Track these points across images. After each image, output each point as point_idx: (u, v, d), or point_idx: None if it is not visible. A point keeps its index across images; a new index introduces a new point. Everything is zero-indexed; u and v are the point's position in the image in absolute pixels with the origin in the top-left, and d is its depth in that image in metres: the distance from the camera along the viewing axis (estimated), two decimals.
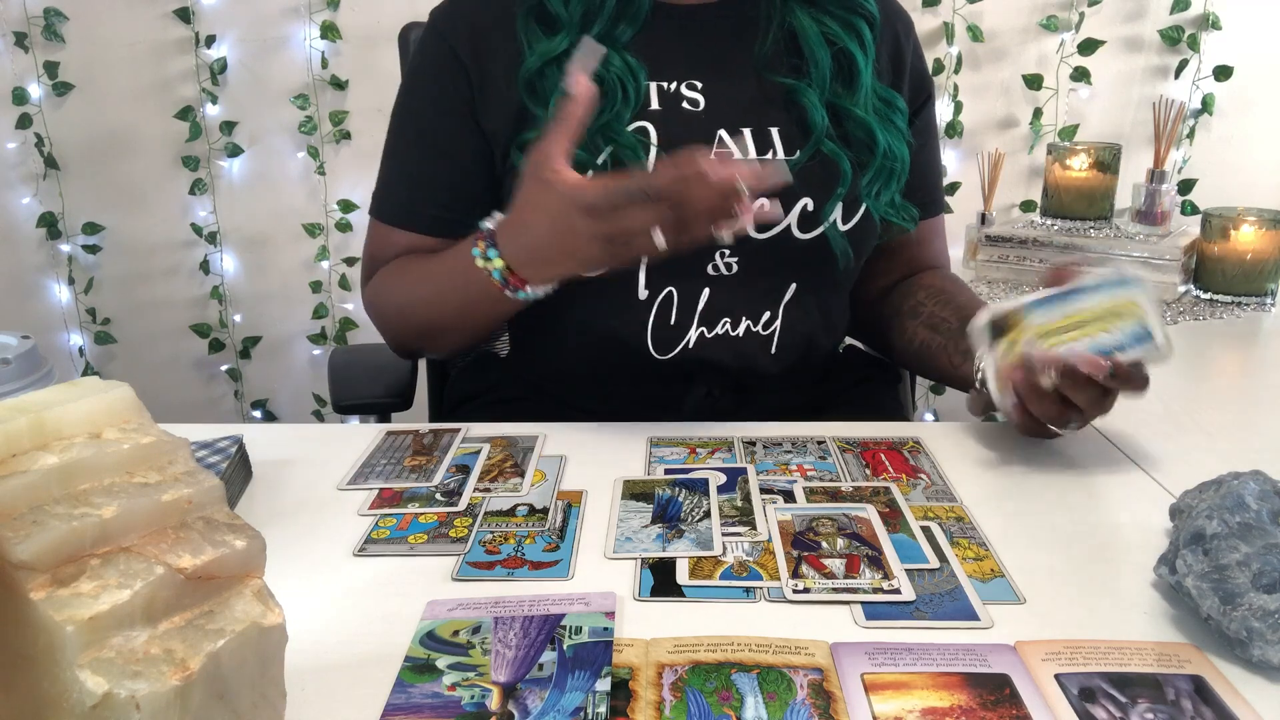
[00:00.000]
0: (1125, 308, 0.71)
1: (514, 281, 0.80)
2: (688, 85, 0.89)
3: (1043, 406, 0.72)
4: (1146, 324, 0.70)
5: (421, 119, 0.94)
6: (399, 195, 0.96)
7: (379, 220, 0.97)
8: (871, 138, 0.89)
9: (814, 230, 0.89)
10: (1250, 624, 0.50)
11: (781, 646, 0.52)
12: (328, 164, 2.08)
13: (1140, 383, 0.71)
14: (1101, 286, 0.73)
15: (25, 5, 1.98)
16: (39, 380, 1.24)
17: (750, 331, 0.91)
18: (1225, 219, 1.35)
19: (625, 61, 0.86)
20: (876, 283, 1.03)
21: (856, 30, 0.90)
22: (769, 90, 0.90)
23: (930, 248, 1.04)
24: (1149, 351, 0.70)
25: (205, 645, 0.39)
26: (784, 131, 0.89)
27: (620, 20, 0.88)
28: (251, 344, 2.22)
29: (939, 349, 0.90)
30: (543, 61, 0.87)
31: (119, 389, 0.45)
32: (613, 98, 0.85)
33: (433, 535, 0.66)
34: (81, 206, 2.12)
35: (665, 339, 0.90)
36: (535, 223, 0.76)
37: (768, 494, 0.70)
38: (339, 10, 2.00)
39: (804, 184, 0.87)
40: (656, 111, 0.87)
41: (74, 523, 0.38)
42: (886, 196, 0.91)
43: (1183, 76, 1.96)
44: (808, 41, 0.89)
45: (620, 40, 0.87)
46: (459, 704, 0.48)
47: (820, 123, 0.88)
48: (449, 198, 0.93)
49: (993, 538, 0.64)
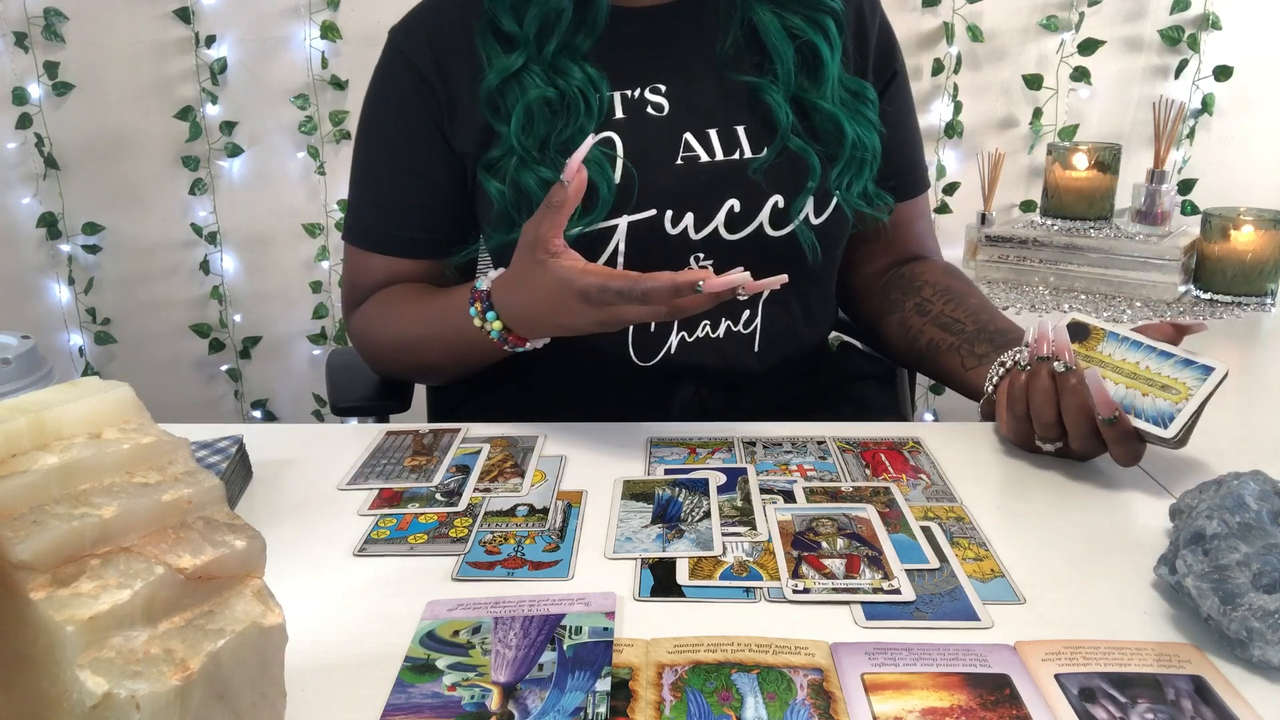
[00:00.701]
0: (1179, 387, 0.70)
1: (512, 339, 0.81)
2: (651, 89, 0.88)
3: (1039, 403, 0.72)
4: (1178, 410, 0.69)
5: (390, 139, 0.93)
6: (371, 219, 0.96)
7: (353, 245, 0.97)
8: (840, 130, 0.88)
9: (786, 227, 0.88)
10: (1250, 624, 0.50)
11: (781, 646, 0.52)
12: (328, 164, 2.08)
13: (1129, 448, 0.70)
14: (1182, 360, 0.72)
15: (25, 5, 1.98)
16: (39, 380, 1.24)
17: (731, 332, 0.91)
18: (1225, 219, 1.35)
19: (586, 73, 0.86)
20: (863, 269, 1.03)
21: (819, 23, 0.89)
22: (732, 89, 0.89)
23: (913, 229, 1.02)
24: (1158, 433, 0.69)
25: (205, 645, 0.39)
26: (750, 130, 0.88)
27: (579, 31, 0.87)
28: (251, 344, 2.22)
29: (949, 349, 0.89)
30: (501, 78, 0.86)
31: (119, 389, 0.45)
32: (575, 111, 0.85)
33: (433, 535, 0.66)
34: (81, 206, 2.12)
35: (647, 346, 0.90)
36: (530, 297, 0.77)
37: (768, 494, 0.70)
38: (339, 10, 2.00)
39: (773, 181, 0.87)
40: (621, 120, 0.87)
41: (74, 523, 0.38)
42: (858, 187, 0.90)
43: (1183, 76, 1.96)
44: (770, 37, 0.88)
45: (580, 50, 0.87)
46: (459, 704, 0.48)
47: (785, 120, 0.87)
48: (423, 219, 0.93)
49: (993, 538, 0.64)
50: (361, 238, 0.96)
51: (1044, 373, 0.72)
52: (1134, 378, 0.72)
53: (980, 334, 0.87)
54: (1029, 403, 0.73)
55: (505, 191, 0.86)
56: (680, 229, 0.87)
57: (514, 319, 0.80)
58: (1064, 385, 0.71)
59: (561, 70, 0.86)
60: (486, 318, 0.81)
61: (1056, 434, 0.72)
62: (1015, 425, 0.75)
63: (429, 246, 0.94)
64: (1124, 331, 0.75)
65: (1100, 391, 0.68)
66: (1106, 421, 0.69)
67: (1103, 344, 0.75)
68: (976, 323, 0.88)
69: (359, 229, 0.97)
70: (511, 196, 0.86)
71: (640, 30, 0.90)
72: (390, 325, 0.93)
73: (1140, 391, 0.71)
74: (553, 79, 0.85)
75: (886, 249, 1.01)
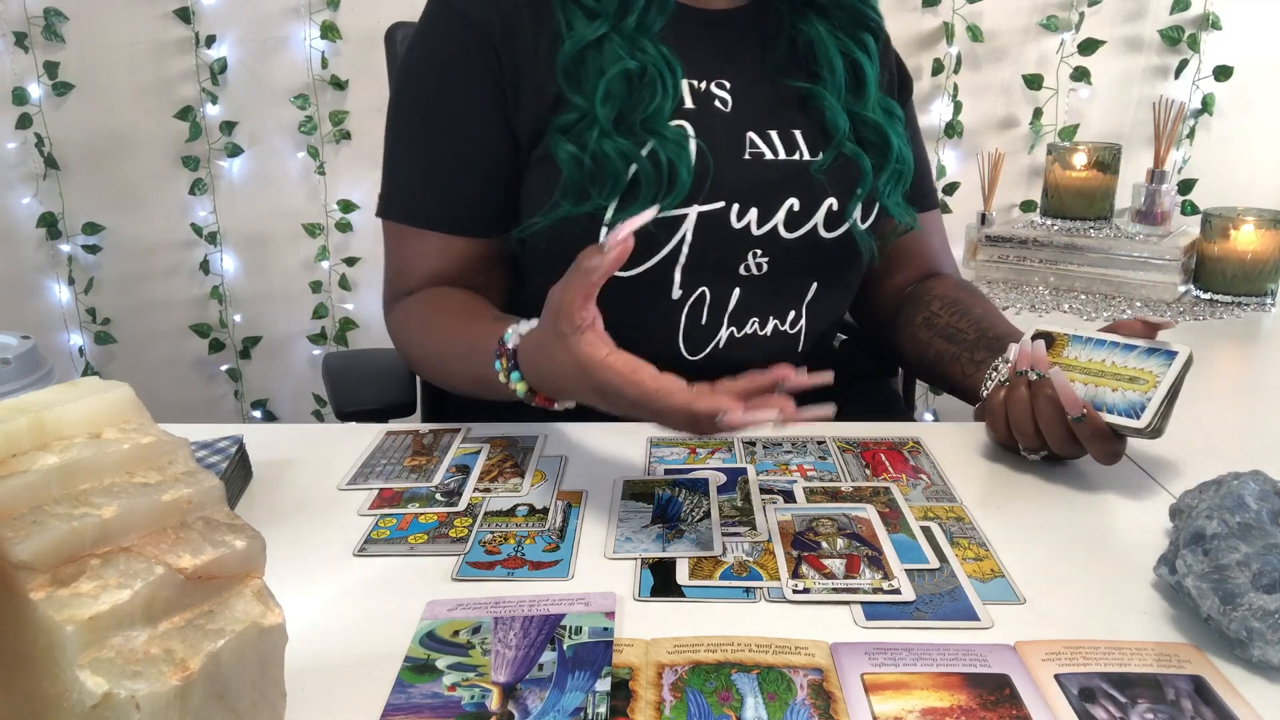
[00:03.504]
0: (1145, 377, 0.71)
1: (539, 400, 0.73)
2: (716, 84, 0.89)
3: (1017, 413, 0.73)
4: (1148, 399, 0.70)
5: (444, 103, 0.88)
6: (419, 191, 0.89)
7: (391, 220, 0.91)
8: (885, 140, 0.90)
9: (838, 229, 0.90)
10: (1250, 624, 0.50)
11: (781, 646, 0.52)
12: (328, 164, 2.08)
13: (1105, 445, 0.70)
14: (1145, 350, 0.73)
15: (25, 5, 1.98)
16: (39, 380, 1.24)
17: (778, 331, 0.92)
18: (1225, 219, 1.35)
19: (661, 53, 0.84)
20: (880, 285, 1.04)
21: (863, 43, 0.92)
22: (787, 95, 0.90)
23: (927, 245, 1.04)
24: (1132, 424, 0.69)
25: (205, 645, 0.39)
26: (806, 134, 0.89)
27: (650, 8, 0.85)
28: (251, 344, 2.22)
29: (952, 358, 0.90)
30: (580, 46, 0.83)
31: (119, 389, 0.45)
32: (653, 88, 0.83)
33: (433, 535, 0.66)
34: (81, 206, 2.12)
35: (697, 340, 0.90)
36: (551, 370, 0.69)
37: (768, 494, 0.70)
38: (339, 10, 2.00)
39: (829, 184, 0.88)
40: (691, 110, 0.86)
41: (74, 523, 0.38)
42: (895, 197, 0.92)
43: (1183, 76, 1.96)
44: (826, 51, 0.90)
45: (652, 29, 0.85)
46: (459, 704, 0.48)
47: (842, 125, 0.89)
48: (481, 189, 0.88)
49: (993, 538, 0.64)
50: (406, 212, 0.90)
51: (1020, 385, 0.74)
52: (1101, 375, 0.73)
53: (980, 340, 0.88)
54: (1008, 416, 0.74)
55: (583, 159, 0.81)
56: (744, 224, 0.87)
57: (539, 382, 0.72)
58: (1037, 392, 0.72)
59: (639, 46, 0.84)
60: (511, 377, 0.73)
61: (1037, 443, 0.73)
62: (997, 435, 0.77)
63: (482, 223, 0.89)
64: (1087, 333, 0.76)
65: (1066, 389, 0.70)
66: (1075, 420, 0.70)
67: (1068, 349, 0.76)
68: (978, 330, 0.89)
69: (403, 202, 0.90)
70: (589, 166, 0.82)
71: (703, 29, 0.90)
72: (427, 339, 0.88)
73: (1109, 388, 0.72)
74: (633, 52, 0.83)
75: (902, 265, 1.03)
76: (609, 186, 0.81)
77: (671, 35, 0.87)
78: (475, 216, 0.89)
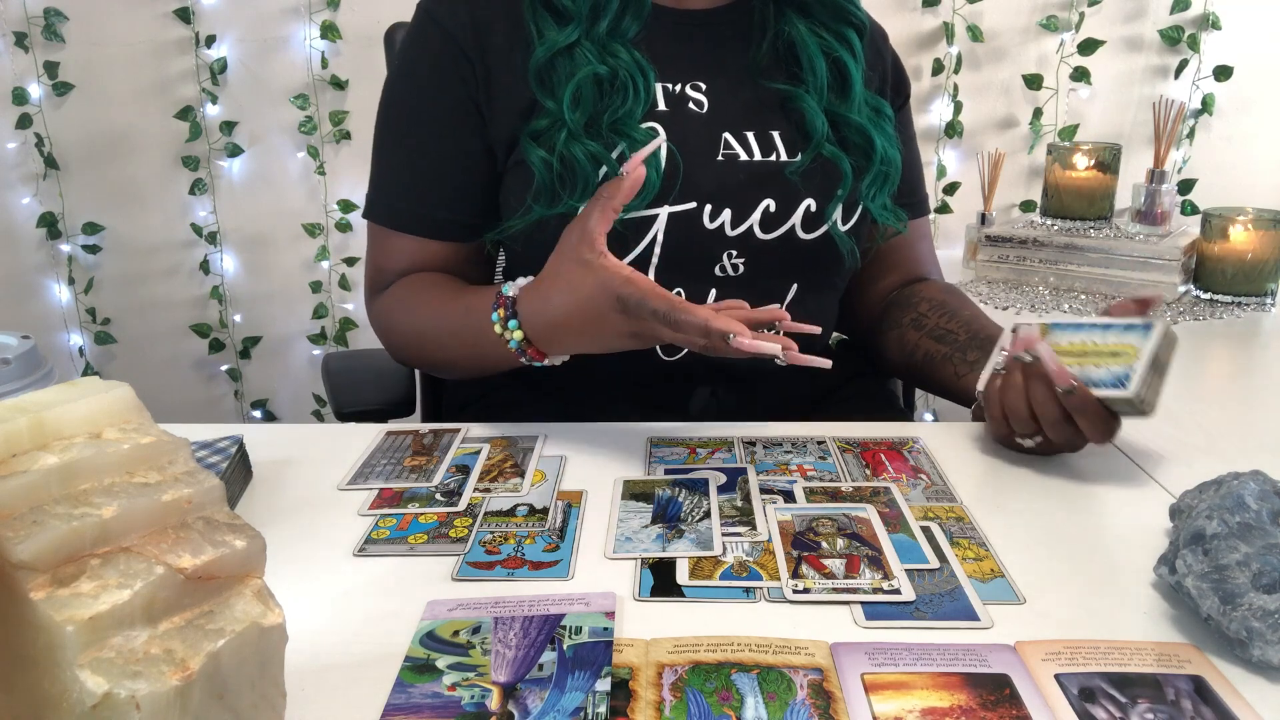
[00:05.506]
0: (1127, 350, 0.72)
1: (531, 353, 0.79)
2: (692, 86, 0.89)
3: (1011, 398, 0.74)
4: (1131, 369, 0.70)
5: (422, 112, 0.92)
6: (398, 196, 0.93)
7: (375, 223, 0.95)
8: (869, 142, 0.90)
9: (816, 231, 0.90)
10: (1250, 624, 0.50)
11: (781, 646, 0.52)
12: (328, 164, 2.08)
13: (1098, 422, 0.71)
14: (1122, 327, 0.74)
15: (25, 5, 1.98)
16: (39, 380, 1.23)
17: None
18: (1225, 219, 1.35)
19: (633, 57, 0.86)
20: (866, 289, 1.04)
21: (847, 40, 0.92)
22: (766, 96, 0.90)
23: (917, 249, 1.04)
24: (1119, 397, 0.70)
25: (205, 645, 0.39)
26: (785, 135, 0.89)
27: (625, 14, 0.87)
28: (251, 344, 2.22)
29: (943, 359, 0.90)
30: (551, 53, 0.85)
31: (119, 389, 0.44)
32: (624, 93, 0.84)
33: (433, 535, 0.66)
34: (81, 206, 2.12)
35: None
36: (562, 301, 0.75)
37: (768, 494, 0.70)
38: (339, 10, 2.00)
39: (807, 185, 0.88)
40: (664, 112, 0.87)
41: (74, 523, 0.38)
42: (881, 200, 0.92)
43: (1183, 76, 1.96)
44: (807, 51, 0.90)
45: (626, 34, 0.87)
46: (459, 704, 0.48)
47: (821, 127, 0.88)
48: (454, 196, 0.91)
49: (993, 538, 0.64)
50: (387, 216, 0.93)
51: (1015, 369, 0.75)
52: (1085, 355, 0.73)
53: (971, 342, 0.88)
54: (1003, 401, 0.75)
55: (551, 162, 0.83)
56: (717, 224, 0.87)
57: (539, 328, 0.77)
58: (1030, 374, 0.73)
59: (611, 51, 0.85)
60: (508, 325, 0.78)
61: (1032, 427, 0.74)
62: (994, 425, 0.78)
63: (458, 228, 0.92)
64: (1064, 319, 0.77)
65: (1054, 362, 0.71)
66: (1065, 393, 0.71)
67: (1049, 336, 0.76)
68: (969, 331, 0.90)
69: (385, 206, 0.94)
70: (558, 168, 0.84)
71: (681, 30, 0.91)
72: (412, 316, 0.91)
73: (1094, 364, 0.72)
74: (604, 58, 0.85)
75: (889, 270, 1.03)
76: (579, 189, 0.83)
77: (650, 38, 0.88)
78: (452, 222, 0.92)
